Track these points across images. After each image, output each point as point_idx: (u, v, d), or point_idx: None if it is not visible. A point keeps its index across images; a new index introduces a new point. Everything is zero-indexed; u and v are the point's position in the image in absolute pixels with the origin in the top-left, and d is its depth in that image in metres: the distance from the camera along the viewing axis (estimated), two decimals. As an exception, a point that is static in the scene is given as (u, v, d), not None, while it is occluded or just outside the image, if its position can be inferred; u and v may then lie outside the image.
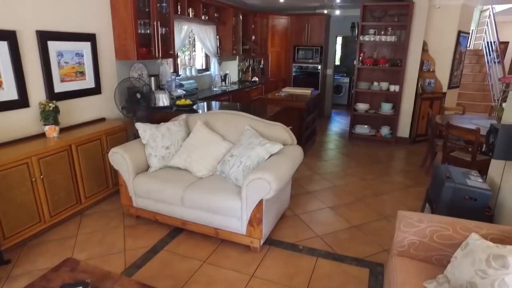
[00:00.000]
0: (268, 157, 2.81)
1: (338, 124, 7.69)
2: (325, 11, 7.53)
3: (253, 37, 7.60)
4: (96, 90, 3.86)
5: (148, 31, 4.23)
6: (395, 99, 5.95)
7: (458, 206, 2.42)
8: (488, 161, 3.90)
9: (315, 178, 4.40)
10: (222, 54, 6.62)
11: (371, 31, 5.78)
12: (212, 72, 6.60)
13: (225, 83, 6.84)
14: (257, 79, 7.74)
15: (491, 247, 1.52)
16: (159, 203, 3.01)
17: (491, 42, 8.27)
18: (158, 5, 4.30)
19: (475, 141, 3.67)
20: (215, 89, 6.28)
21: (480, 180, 2.48)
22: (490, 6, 8.42)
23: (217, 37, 6.46)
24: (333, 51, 8.30)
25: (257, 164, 2.78)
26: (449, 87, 6.37)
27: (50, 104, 3.10)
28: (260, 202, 2.56)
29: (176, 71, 5.76)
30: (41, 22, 3.13)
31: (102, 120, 3.97)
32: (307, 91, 5.66)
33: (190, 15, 5.33)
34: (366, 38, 5.74)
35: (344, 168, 4.79)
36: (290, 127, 3.88)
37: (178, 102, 4.20)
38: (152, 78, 4.54)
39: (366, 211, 3.54)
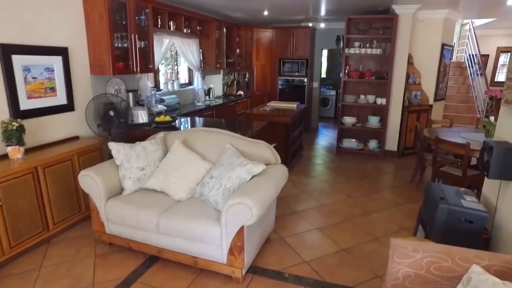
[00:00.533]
0: (250, 179, 2.62)
1: (325, 138, 7.56)
2: (310, 24, 7.48)
3: (238, 50, 7.48)
4: (68, 107, 3.63)
5: (126, 45, 4.04)
6: (382, 112, 5.86)
7: (453, 229, 2.26)
8: (479, 176, 3.80)
9: (301, 196, 4.21)
10: (206, 68, 6.46)
11: (356, 44, 5.71)
12: (195, 86, 6.43)
13: (209, 97, 6.66)
14: (242, 93, 7.59)
15: (498, 285, 1.34)
16: (133, 230, 2.77)
17: (472, 55, 8.34)
18: (136, 18, 4.13)
19: (465, 156, 3.56)
20: (198, 104, 6.09)
21: (476, 200, 2.33)
22: (470, 20, 8.52)
23: (200, 50, 6.30)
24: (319, 64, 8.24)
25: (238, 186, 2.58)
26: (435, 100, 6.33)
27: (14, 123, 2.86)
28: (241, 229, 2.35)
29: (157, 86, 5.56)
30: (4, 35, 2.91)
31: (76, 138, 3.73)
32: (293, 105, 5.52)
33: (171, 28, 5.17)
34: (352, 51, 5.66)
35: (332, 185, 4.62)
36: (275, 144, 3.71)
37: (157, 119, 3.99)
38: (130, 94, 4.33)
39: (355, 232, 3.35)
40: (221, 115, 6.18)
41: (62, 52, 3.47)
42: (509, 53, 9.81)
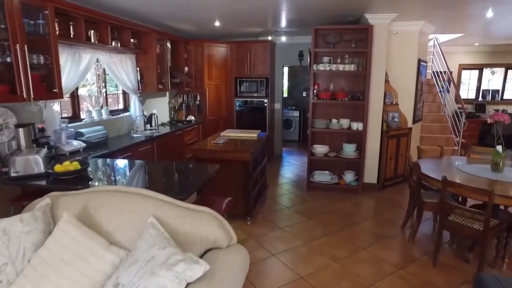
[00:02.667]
0: (184, 291, 1.47)
1: (291, 168, 6.56)
2: (270, 38, 6.55)
3: (186, 68, 6.37)
4: None
5: (9, 60, 2.79)
6: (359, 139, 4.96)
7: None
8: (500, 226, 2.92)
9: (269, 263, 3.09)
10: (145, 90, 5.26)
11: (326, 59, 4.81)
12: (132, 112, 5.19)
13: (151, 125, 5.44)
14: (193, 118, 6.44)
15: None
16: None
17: (440, 72, 7.85)
18: (26, 21, 2.91)
19: (488, 205, 2.64)
20: (135, 135, 4.85)
21: None
22: (434, 36, 8.11)
23: (138, 68, 5.12)
24: (280, 82, 7.32)
25: (162, 308, 1.42)
26: (414, 121, 5.58)
27: None
28: None
29: (76, 115, 4.27)
30: None
31: None
32: (252, 135, 4.45)
33: (92, 40, 3.96)
34: (321, 67, 4.74)
35: (308, 240, 3.54)
36: (229, 199, 2.60)
37: (57, 168, 2.70)
38: (21, 130, 3.02)
39: (353, 329, 2.28)
40: (164, 148, 4.97)
41: None
42: (470, 70, 9.57)
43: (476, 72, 9.41)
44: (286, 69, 9.13)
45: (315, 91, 4.90)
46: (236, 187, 3.76)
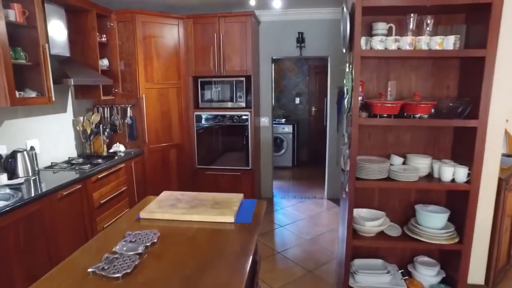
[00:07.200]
0: None
1: (293, 229, 3.82)
2: (252, 3, 3.76)
3: (105, 62, 3.58)
4: None
5: None
6: (453, 200, 2.33)
7: None
8: None
9: None
10: (-12, 102, 2.43)
11: (381, 27, 2.15)
12: (-45, 152, 2.34)
13: (16, 175, 2.64)
14: (122, 148, 3.65)
15: None
16: None
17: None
18: None
19: None
20: None
21: None
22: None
23: (-35, 55, 2.29)
24: (269, 84, 4.64)
25: None
26: (526, 151, 3.03)
27: None
28: None
29: None
30: None
31: None
32: (224, 217, 1.70)
33: None
34: (377, 42, 2.06)
35: None
36: None
37: None
38: None
39: None
40: (28, 236, 2.15)
41: None
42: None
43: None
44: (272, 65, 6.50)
45: (360, 98, 2.21)
46: None
